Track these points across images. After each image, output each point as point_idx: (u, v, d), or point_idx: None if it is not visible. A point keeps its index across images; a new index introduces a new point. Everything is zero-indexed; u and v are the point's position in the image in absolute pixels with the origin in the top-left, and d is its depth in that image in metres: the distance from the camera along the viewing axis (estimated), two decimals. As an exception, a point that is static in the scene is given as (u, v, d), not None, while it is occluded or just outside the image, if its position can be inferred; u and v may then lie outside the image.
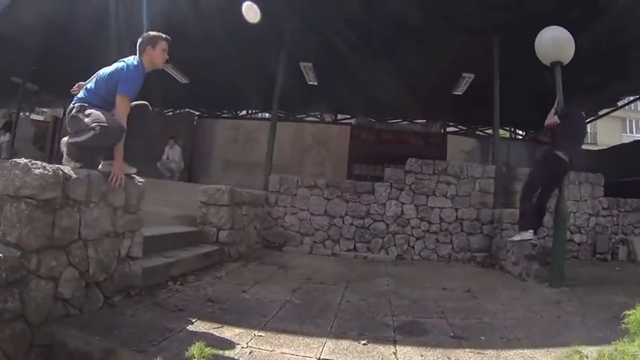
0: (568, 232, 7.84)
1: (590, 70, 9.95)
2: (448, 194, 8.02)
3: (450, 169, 8.09)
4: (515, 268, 6.42)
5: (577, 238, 8.23)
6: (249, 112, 18.62)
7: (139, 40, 3.69)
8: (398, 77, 11.63)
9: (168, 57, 3.80)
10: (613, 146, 16.12)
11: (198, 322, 3.22)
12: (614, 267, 7.56)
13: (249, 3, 7.93)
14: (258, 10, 8.10)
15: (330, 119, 17.60)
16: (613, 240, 8.47)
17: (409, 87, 12.17)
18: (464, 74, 11.21)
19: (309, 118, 17.65)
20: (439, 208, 8.00)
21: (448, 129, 16.97)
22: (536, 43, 5.89)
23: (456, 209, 7.99)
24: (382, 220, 8.04)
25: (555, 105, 5.87)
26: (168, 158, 12.79)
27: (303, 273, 5.70)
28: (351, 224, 8.06)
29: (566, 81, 5.62)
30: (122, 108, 3.41)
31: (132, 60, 3.57)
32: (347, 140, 15.07)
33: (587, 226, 8.32)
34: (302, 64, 11.49)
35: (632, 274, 6.88)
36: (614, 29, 8.29)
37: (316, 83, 12.81)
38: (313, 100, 14.75)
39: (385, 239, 8.00)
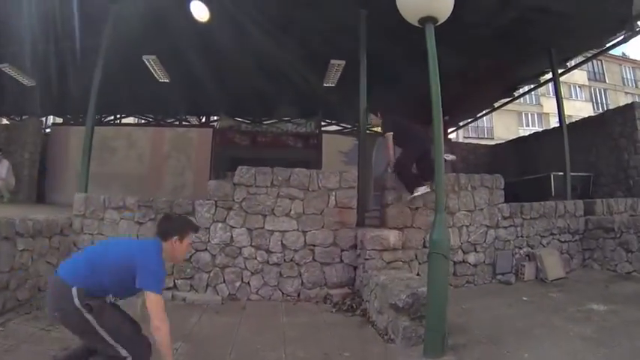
0: (461, 252, 5.98)
1: (487, 52, 8.59)
2: (292, 213, 5.71)
3: (293, 180, 5.77)
4: (380, 319, 4.22)
5: (472, 258, 6.22)
6: (117, 117, 16.17)
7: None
8: (260, 70, 9.75)
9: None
10: (511, 140, 15.07)
11: None
12: (521, 294, 5.70)
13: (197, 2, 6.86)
14: (207, 9, 7.00)
15: (197, 122, 15.40)
16: (517, 256, 6.64)
17: (275, 81, 10.36)
18: (332, 61, 9.31)
19: (183, 123, 15.44)
20: (280, 231, 5.68)
21: (327, 128, 15.06)
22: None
23: (304, 232, 5.69)
24: (206, 250, 5.66)
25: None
26: (-6, 175, 10.34)
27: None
28: (169, 255, 5.61)
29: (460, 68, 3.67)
30: None
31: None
32: (209, 146, 12.97)
33: (485, 241, 6.33)
34: (145, 58, 9.52)
35: (545, 309, 4.98)
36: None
37: (168, 80, 10.84)
38: (171, 101, 12.78)
39: (212, 274, 5.63)
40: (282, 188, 5.67)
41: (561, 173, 8.57)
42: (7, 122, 15.12)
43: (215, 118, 14.95)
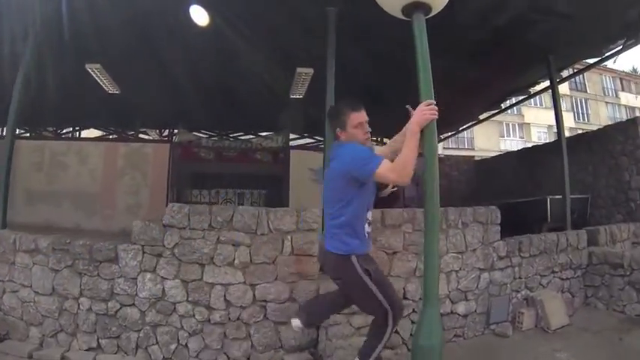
0: (449, 302, 4.96)
1: (480, 60, 7.74)
2: (237, 262, 4.41)
3: (237, 221, 4.46)
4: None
5: (461, 307, 5.09)
6: (75, 129, 15.21)
7: None
8: (222, 79, 8.88)
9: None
10: (499, 155, 14.17)
11: None
12: (522, 355, 4.66)
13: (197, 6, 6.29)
14: (206, 13, 6.36)
15: (157, 136, 14.47)
16: (514, 300, 5.59)
17: (238, 92, 9.56)
18: (299, 69, 8.31)
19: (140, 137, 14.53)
20: (222, 284, 4.40)
21: (300, 142, 14.10)
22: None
23: (253, 285, 4.42)
24: (134, 304, 4.46)
25: None
26: None
27: None
28: (90, 310, 4.52)
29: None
30: None
31: None
32: (167, 162, 12.01)
33: (477, 287, 5.21)
34: (88, 67, 8.41)
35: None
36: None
37: (118, 92, 9.82)
38: (127, 114, 12.07)
39: (141, 334, 4.43)
40: (222, 232, 4.40)
41: (558, 197, 7.60)
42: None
43: (175, 131, 14.10)
